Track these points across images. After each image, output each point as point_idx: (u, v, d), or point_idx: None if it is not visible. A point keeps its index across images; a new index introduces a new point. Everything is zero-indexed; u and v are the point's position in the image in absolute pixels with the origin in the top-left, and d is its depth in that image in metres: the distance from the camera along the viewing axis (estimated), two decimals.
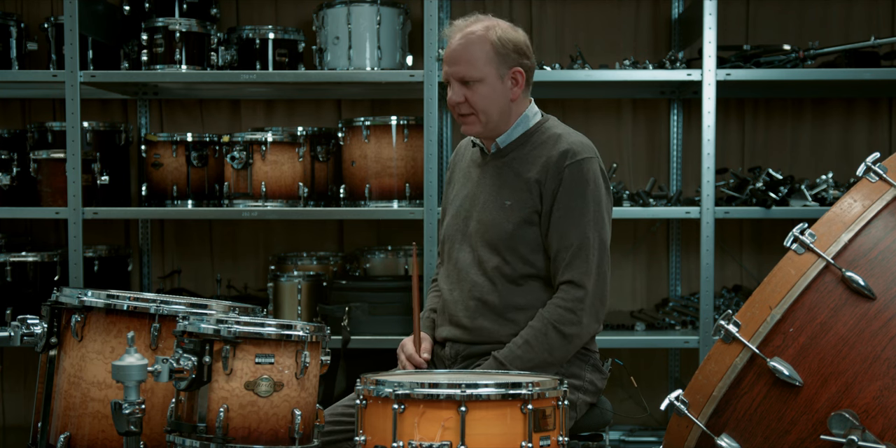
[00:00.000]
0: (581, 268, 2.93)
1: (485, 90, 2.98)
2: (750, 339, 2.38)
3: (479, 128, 3.04)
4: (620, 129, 5.28)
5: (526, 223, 2.99)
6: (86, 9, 4.59)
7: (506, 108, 3.03)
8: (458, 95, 3.00)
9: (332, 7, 4.70)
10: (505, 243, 3.00)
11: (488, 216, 3.04)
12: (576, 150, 2.98)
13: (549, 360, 2.94)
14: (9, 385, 5.34)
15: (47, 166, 4.70)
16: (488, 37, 2.97)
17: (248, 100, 5.36)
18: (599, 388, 3.09)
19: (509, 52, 2.99)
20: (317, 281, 4.75)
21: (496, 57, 2.97)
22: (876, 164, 2.44)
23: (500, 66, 2.98)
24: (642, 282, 5.30)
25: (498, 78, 2.99)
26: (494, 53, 2.97)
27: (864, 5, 5.21)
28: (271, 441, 2.64)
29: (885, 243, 2.39)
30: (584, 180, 2.95)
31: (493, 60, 2.97)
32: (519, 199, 3.00)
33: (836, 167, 5.05)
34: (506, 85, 3.01)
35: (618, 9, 5.28)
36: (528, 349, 2.93)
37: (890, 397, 2.30)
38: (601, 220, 2.97)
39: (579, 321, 2.93)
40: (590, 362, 3.07)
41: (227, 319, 2.67)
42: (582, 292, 2.93)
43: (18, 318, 2.93)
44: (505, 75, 3.00)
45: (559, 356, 2.95)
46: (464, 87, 2.99)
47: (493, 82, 2.98)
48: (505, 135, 3.07)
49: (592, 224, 2.95)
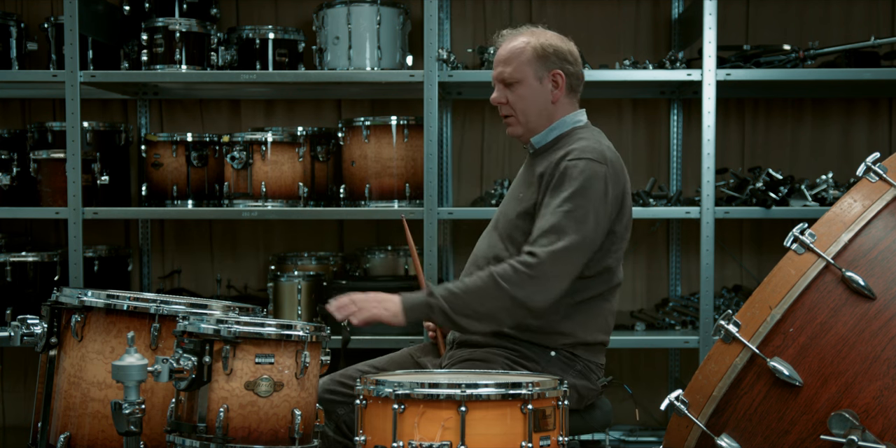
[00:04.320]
0: (543, 243, 2.89)
1: (523, 91, 3.09)
2: (750, 339, 2.38)
3: (520, 129, 3.15)
4: (620, 129, 5.28)
5: (526, 213, 3.05)
6: (86, 9, 4.59)
7: (545, 110, 3.12)
8: (500, 96, 3.13)
9: (332, 7, 4.70)
10: (507, 232, 3.08)
11: (505, 207, 3.16)
12: (581, 150, 3.00)
13: (479, 311, 2.88)
14: (9, 385, 5.34)
15: (47, 166, 4.70)
16: (531, 41, 3.10)
17: (248, 100, 5.36)
18: (583, 395, 3.06)
19: (549, 55, 3.09)
20: (317, 281, 4.75)
21: (535, 59, 3.08)
22: (876, 164, 2.44)
23: (539, 68, 3.08)
24: (642, 282, 5.30)
25: (536, 79, 3.09)
26: (534, 56, 3.08)
27: (864, 5, 5.21)
28: (271, 441, 2.64)
29: (885, 243, 2.39)
30: (576, 177, 2.95)
31: (532, 62, 3.08)
32: (528, 192, 3.09)
33: (836, 167, 5.05)
34: (545, 87, 3.10)
35: (618, 9, 5.28)
36: (463, 288, 2.89)
37: (890, 397, 2.30)
38: (585, 219, 2.92)
39: (521, 283, 2.86)
40: (576, 367, 3.06)
41: (227, 319, 2.67)
42: (536, 260, 2.88)
43: (18, 318, 2.93)
44: (544, 77, 3.09)
45: (488, 310, 2.88)
46: (506, 88, 3.11)
47: (531, 83, 3.09)
48: (540, 136, 3.14)
49: (572, 218, 2.91)
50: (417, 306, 2.92)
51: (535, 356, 3.04)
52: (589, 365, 3.08)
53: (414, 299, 2.93)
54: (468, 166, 5.31)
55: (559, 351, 3.04)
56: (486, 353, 3.04)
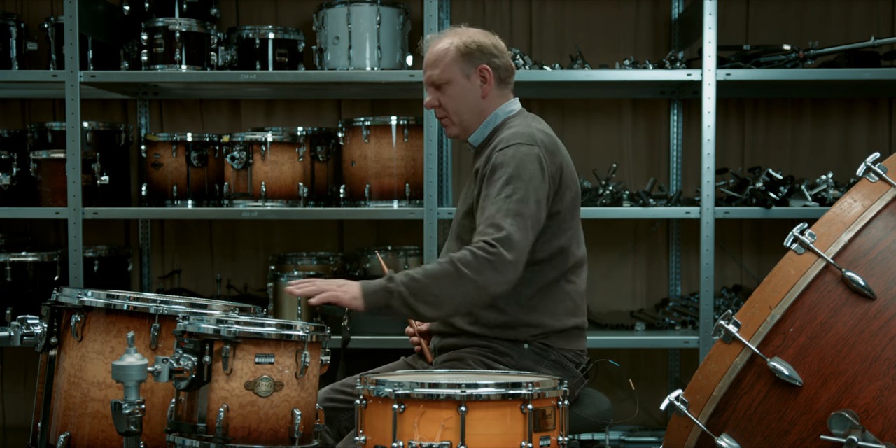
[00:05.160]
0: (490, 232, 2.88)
1: (453, 91, 3.13)
2: (750, 339, 2.37)
3: (455, 129, 3.19)
4: (620, 129, 5.28)
5: (469, 211, 3.08)
6: (86, 9, 4.59)
7: (476, 106, 3.15)
8: (433, 100, 3.17)
9: (332, 7, 4.70)
10: (457, 233, 3.13)
11: (456, 212, 3.21)
12: (507, 139, 3.03)
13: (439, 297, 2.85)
14: (9, 385, 5.34)
15: (47, 166, 4.70)
16: (454, 41, 3.14)
17: (248, 100, 5.36)
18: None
19: (473, 51, 3.12)
20: None
21: (460, 57, 3.11)
22: (876, 164, 2.44)
23: (465, 65, 3.12)
24: (642, 282, 5.30)
25: (464, 77, 3.12)
26: (458, 54, 3.11)
27: (864, 5, 5.21)
28: (271, 441, 2.64)
29: (885, 243, 2.39)
30: (507, 163, 2.96)
31: (457, 61, 3.12)
32: (469, 190, 3.13)
33: (836, 167, 5.05)
34: (474, 83, 3.13)
35: (618, 9, 5.28)
36: (423, 273, 2.88)
37: (890, 397, 2.30)
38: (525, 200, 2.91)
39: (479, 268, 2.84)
40: (549, 358, 3.05)
41: (227, 319, 2.67)
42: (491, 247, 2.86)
43: (18, 318, 2.93)
44: (471, 74, 3.13)
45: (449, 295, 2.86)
46: (437, 91, 3.15)
47: (460, 82, 3.13)
48: (477, 133, 3.18)
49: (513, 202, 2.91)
50: (377, 291, 2.89)
51: (507, 351, 3.04)
52: (564, 354, 3.07)
53: (373, 285, 2.91)
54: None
55: (531, 343, 3.05)
56: (462, 352, 3.06)
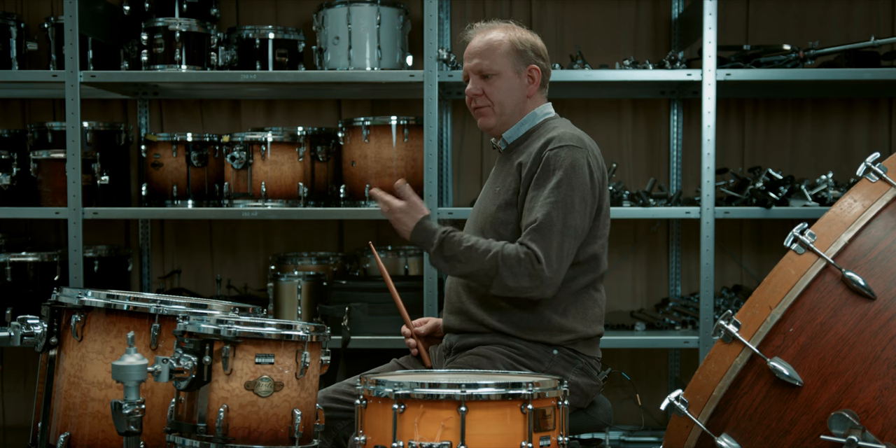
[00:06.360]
0: (540, 243, 2.92)
1: (501, 84, 3.13)
2: (750, 339, 2.38)
3: (493, 120, 3.16)
4: (620, 129, 5.28)
5: (508, 205, 3.06)
6: (86, 9, 4.59)
7: (520, 103, 3.15)
8: (477, 87, 3.14)
9: (332, 7, 4.70)
10: (489, 226, 3.09)
11: (483, 204, 3.17)
12: (560, 138, 3.03)
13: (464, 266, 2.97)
14: (9, 385, 5.34)
15: (47, 166, 4.70)
16: (507, 35, 3.14)
17: (248, 100, 5.36)
18: (587, 392, 3.07)
19: (527, 49, 3.14)
20: (317, 281, 4.75)
21: (514, 53, 3.12)
22: (876, 164, 2.44)
23: (516, 62, 3.13)
24: (642, 282, 5.30)
25: (515, 73, 3.13)
26: (512, 49, 3.12)
27: (864, 5, 5.21)
28: (271, 441, 2.64)
29: (885, 243, 2.39)
30: (559, 165, 2.97)
31: (510, 56, 3.12)
32: (505, 184, 3.10)
33: (836, 167, 5.05)
34: (522, 81, 3.14)
35: (618, 9, 5.28)
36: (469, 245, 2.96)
37: (890, 397, 2.30)
38: (570, 205, 2.95)
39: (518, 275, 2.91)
40: (577, 365, 3.06)
41: (227, 319, 2.67)
42: (539, 263, 2.91)
43: (18, 318, 2.93)
44: (521, 72, 3.14)
45: (471, 271, 2.97)
46: (482, 80, 3.14)
47: (510, 77, 3.13)
48: (512, 130, 3.17)
49: (560, 206, 2.94)
50: (426, 231, 3.04)
51: (537, 354, 3.04)
52: (590, 361, 3.09)
53: (427, 230, 3.04)
54: (468, 166, 5.31)
55: (561, 348, 3.04)
56: (489, 350, 3.04)
